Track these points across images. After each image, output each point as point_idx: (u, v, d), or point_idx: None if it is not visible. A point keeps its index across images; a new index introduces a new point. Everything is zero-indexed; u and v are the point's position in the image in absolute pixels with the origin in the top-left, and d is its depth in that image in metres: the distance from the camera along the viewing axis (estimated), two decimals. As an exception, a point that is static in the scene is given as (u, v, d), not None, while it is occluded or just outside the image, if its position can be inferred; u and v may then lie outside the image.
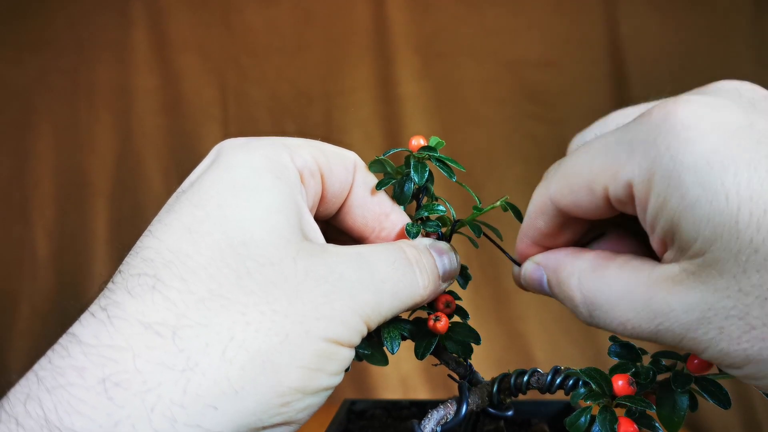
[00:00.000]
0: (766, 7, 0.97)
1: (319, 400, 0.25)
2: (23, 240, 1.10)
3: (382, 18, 1.09)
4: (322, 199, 0.31)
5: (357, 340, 0.26)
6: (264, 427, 0.23)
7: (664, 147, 0.21)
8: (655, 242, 0.24)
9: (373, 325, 0.27)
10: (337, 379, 0.26)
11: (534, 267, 0.30)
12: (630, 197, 0.23)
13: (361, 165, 0.33)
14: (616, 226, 0.30)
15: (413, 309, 0.32)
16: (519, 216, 0.32)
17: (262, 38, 1.11)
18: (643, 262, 0.25)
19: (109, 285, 0.25)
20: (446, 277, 0.32)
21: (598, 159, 0.24)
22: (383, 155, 0.32)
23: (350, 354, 0.26)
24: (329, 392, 0.26)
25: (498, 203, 0.32)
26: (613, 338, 0.31)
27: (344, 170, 0.31)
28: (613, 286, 0.24)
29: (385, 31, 1.09)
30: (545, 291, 0.29)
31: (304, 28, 1.11)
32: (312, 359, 0.24)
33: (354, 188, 0.32)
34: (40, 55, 1.11)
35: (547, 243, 0.30)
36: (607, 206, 0.25)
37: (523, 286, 0.31)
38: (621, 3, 1.03)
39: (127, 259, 0.25)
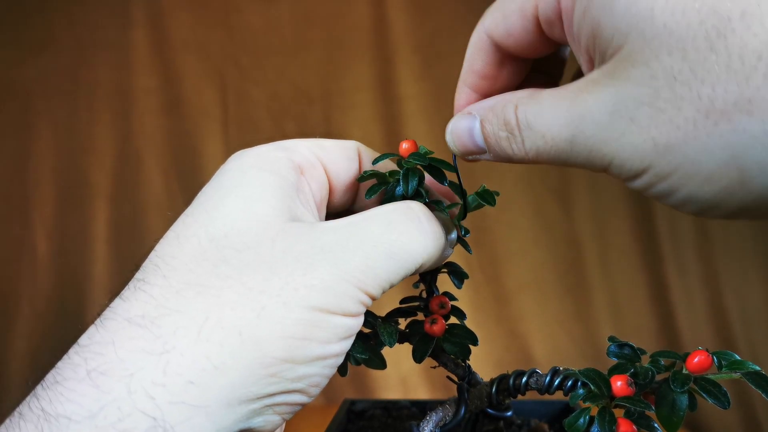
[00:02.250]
0: None
1: (316, 369, 0.25)
2: (23, 240, 1.10)
3: (382, 18, 1.09)
4: (332, 190, 0.32)
5: (354, 308, 0.26)
6: (259, 398, 0.24)
7: None
8: (583, 63, 0.24)
9: (375, 291, 0.26)
10: (333, 348, 0.25)
11: (463, 116, 0.29)
12: (558, 14, 0.24)
13: (366, 150, 0.33)
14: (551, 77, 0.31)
15: (420, 271, 0.30)
16: (493, 201, 0.33)
17: (262, 38, 1.11)
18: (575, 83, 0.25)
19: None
20: (452, 243, 0.32)
21: None
22: (372, 163, 0.32)
23: (346, 322, 0.26)
24: (329, 361, 0.25)
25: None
26: (612, 338, 0.31)
27: (347, 159, 0.32)
28: (544, 103, 0.25)
29: (385, 31, 1.09)
30: (474, 142, 0.28)
31: (304, 28, 1.11)
32: (295, 329, 0.24)
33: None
34: (40, 55, 1.10)
35: (485, 89, 0.29)
36: (538, 33, 0.26)
37: (453, 147, 0.30)
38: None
39: None
